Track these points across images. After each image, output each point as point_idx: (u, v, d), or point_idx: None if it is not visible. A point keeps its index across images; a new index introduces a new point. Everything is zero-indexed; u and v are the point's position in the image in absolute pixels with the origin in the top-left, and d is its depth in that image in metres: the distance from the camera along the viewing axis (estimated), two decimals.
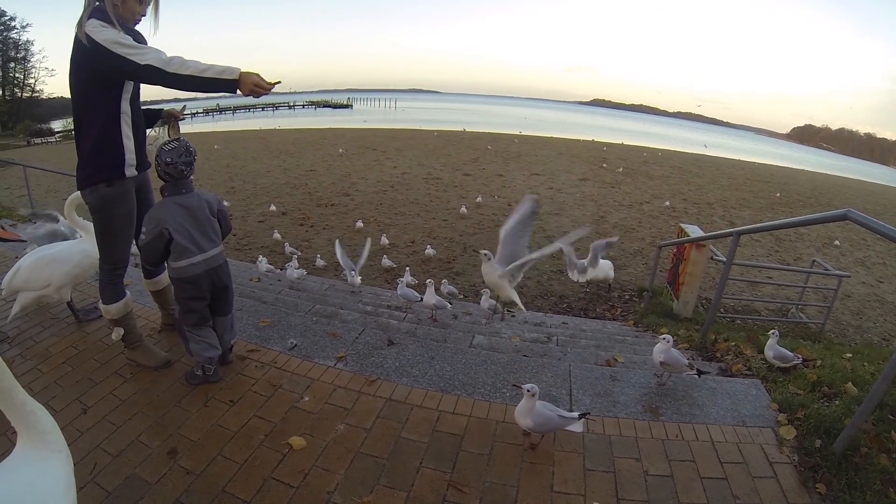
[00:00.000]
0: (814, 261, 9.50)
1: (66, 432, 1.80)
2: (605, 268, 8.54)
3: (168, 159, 2.93)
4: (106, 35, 2.62)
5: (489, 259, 3.47)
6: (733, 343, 4.56)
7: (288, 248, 10.13)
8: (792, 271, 10.67)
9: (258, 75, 2.65)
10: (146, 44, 2.90)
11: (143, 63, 2.60)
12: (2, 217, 6.98)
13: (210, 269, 3.09)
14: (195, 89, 2.66)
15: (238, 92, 2.65)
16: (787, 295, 9.58)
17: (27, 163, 10.27)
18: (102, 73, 2.76)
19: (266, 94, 2.68)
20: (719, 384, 3.43)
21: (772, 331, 3.84)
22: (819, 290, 9.41)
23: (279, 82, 2.70)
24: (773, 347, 3.77)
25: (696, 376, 3.28)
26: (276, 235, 11.51)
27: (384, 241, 11.11)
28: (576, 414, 2.73)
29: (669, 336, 3.31)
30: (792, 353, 3.78)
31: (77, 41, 2.70)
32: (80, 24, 2.67)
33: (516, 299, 3.52)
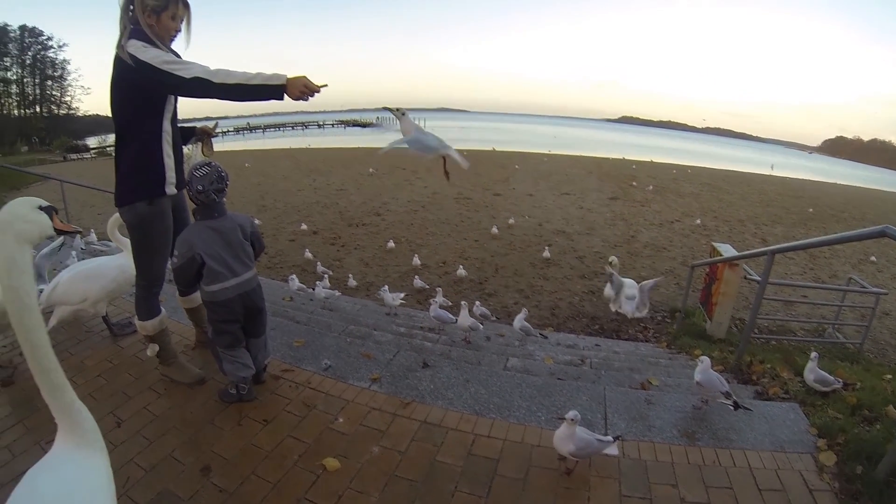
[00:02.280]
0: (850, 278, 9.28)
1: None
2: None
3: (199, 187, 2.93)
4: (151, 54, 2.66)
5: (403, 115, 3.14)
6: (769, 365, 4.46)
7: (319, 268, 10.14)
8: (827, 289, 10.43)
9: (306, 77, 2.62)
10: None
11: (189, 76, 2.62)
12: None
13: (243, 293, 3.09)
14: (243, 98, 2.64)
15: (286, 98, 2.62)
16: (823, 314, 9.38)
17: (64, 178, 10.47)
18: (147, 90, 2.80)
19: (313, 96, 2.65)
20: (756, 408, 3.34)
21: (812, 353, 3.76)
22: (856, 308, 9.21)
23: (326, 85, 2.66)
24: (813, 370, 3.69)
25: (732, 408, 3.20)
26: (308, 254, 11.57)
27: (416, 261, 11.10)
28: (610, 437, 2.69)
29: (707, 357, 3.27)
30: (833, 377, 3.70)
31: (119, 61, 2.73)
32: (121, 46, 2.71)
33: (454, 154, 3.20)
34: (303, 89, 2.60)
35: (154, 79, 2.67)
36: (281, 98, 2.62)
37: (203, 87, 2.63)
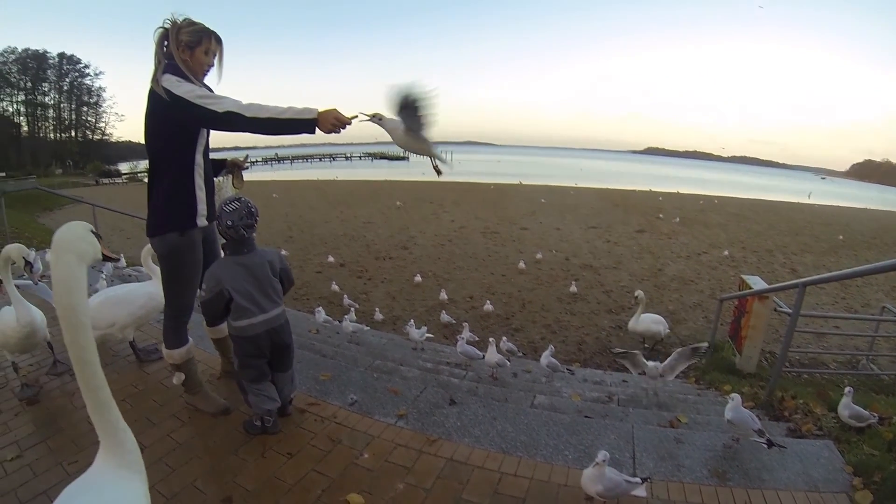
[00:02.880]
0: (884, 307, 8.97)
1: None
2: (646, 321, 8.21)
3: (229, 222, 2.96)
4: (185, 88, 2.73)
5: (380, 119, 2.92)
6: (801, 400, 4.36)
7: (346, 301, 10.13)
8: (860, 319, 10.19)
9: (336, 110, 2.64)
10: None
11: (222, 111, 2.67)
12: None
13: (270, 329, 3.10)
14: (275, 132, 2.68)
15: (317, 131, 2.67)
16: (857, 345, 9.03)
17: (96, 202, 10.65)
18: (181, 124, 2.87)
19: (345, 128, 2.67)
20: (789, 446, 3.25)
21: (847, 388, 3.69)
22: (891, 338, 8.98)
23: (356, 117, 2.69)
24: (847, 406, 3.62)
25: (765, 446, 3.13)
26: (335, 287, 11.53)
27: (443, 296, 11.05)
28: (639, 479, 2.64)
29: (737, 395, 3.21)
30: (868, 412, 3.62)
31: (153, 94, 2.81)
32: (156, 80, 2.79)
33: (435, 152, 3.03)
34: (334, 122, 2.63)
35: (187, 112, 2.73)
36: (312, 132, 2.66)
37: (235, 120, 2.68)
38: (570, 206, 29.54)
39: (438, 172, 3.07)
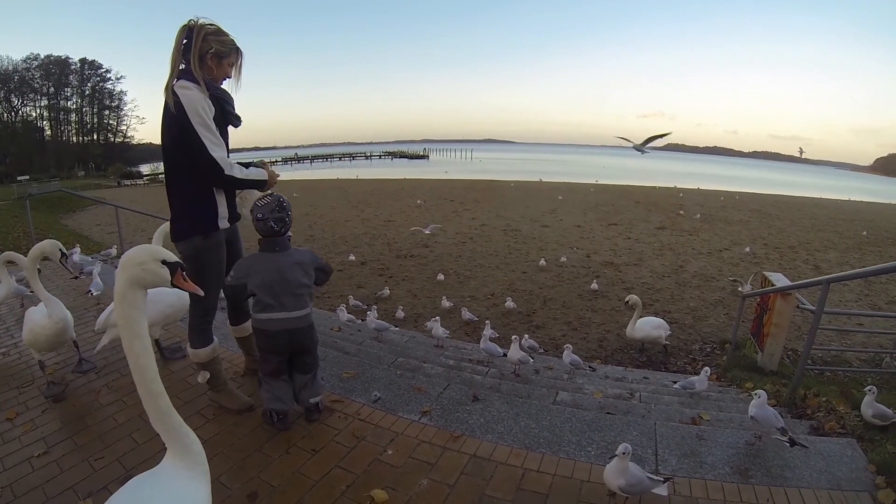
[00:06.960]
0: None
1: (146, 466, 1.87)
2: (645, 327, 7.67)
3: (259, 215, 3.09)
4: (192, 98, 2.84)
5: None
6: (825, 398, 4.32)
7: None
8: (884, 317, 10.00)
9: (269, 170, 3.34)
10: (232, 100, 3.18)
11: (213, 155, 2.90)
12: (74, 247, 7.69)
13: (290, 329, 3.16)
14: (236, 188, 3.24)
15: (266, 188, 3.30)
16: (881, 343, 8.87)
17: (118, 203, 10.79)
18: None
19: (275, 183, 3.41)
20: (812, 444, 3.23)
21: (868, 387, 3.67)
22: None
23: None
24: (871, 405, 3.60)
25: (788, 444, 3.10)
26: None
27: (464, 293, 10.98)
28: (661, 478, 2.63)
29: (763, 392, 3.20)
30: (892, 411, 3.59)
31: (167, 107, 2.89)
32: (169, 88, 2.88)
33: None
34: (273, 179, 3.37)
35: (187, 134, 2.86)
36: (263, 189, 3.26)
37: (215, 171, 2.96)
38: (590, 204, 29.37)
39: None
